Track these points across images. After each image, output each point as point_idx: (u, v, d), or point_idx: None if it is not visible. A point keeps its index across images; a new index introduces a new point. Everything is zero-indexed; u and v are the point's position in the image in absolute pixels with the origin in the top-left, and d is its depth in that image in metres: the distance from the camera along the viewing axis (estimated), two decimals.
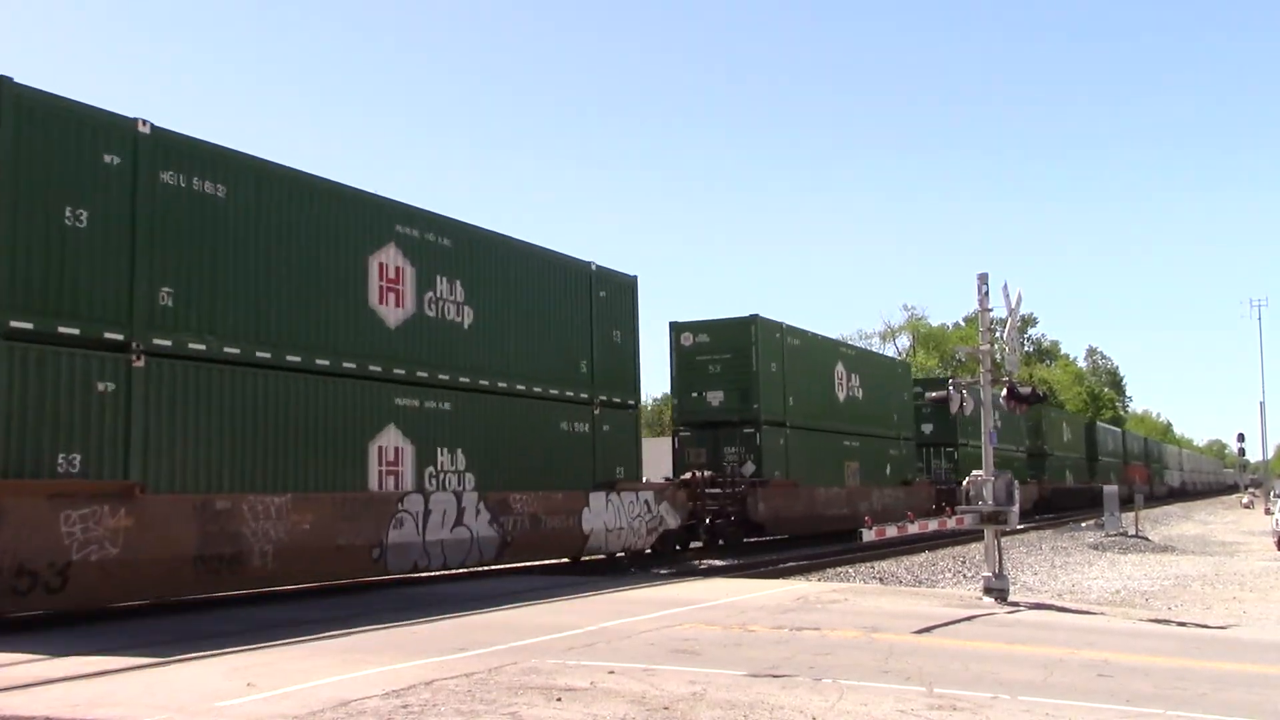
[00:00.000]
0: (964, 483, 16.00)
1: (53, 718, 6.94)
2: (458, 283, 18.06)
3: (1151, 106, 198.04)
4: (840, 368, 32.44)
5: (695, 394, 27.61)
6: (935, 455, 41.42)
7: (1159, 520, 49.18)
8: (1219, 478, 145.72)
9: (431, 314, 17.35)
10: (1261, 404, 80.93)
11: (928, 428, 40.03)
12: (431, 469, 16.95)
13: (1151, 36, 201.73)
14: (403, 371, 16.62)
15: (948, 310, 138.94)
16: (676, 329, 28.02)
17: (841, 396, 32.22)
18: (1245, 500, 71.05)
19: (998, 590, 14.98)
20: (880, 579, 21.22)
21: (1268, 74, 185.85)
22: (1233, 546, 33.52)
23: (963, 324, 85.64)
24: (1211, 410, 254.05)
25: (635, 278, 23.16)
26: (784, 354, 28.58)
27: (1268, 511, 44.63)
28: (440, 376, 17.35)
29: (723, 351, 27.46)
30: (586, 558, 20.44)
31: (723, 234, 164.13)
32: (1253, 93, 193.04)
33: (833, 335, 38.14)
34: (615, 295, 22.40)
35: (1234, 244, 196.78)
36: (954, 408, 16.87)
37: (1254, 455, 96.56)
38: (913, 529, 17.50)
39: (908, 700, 7.57)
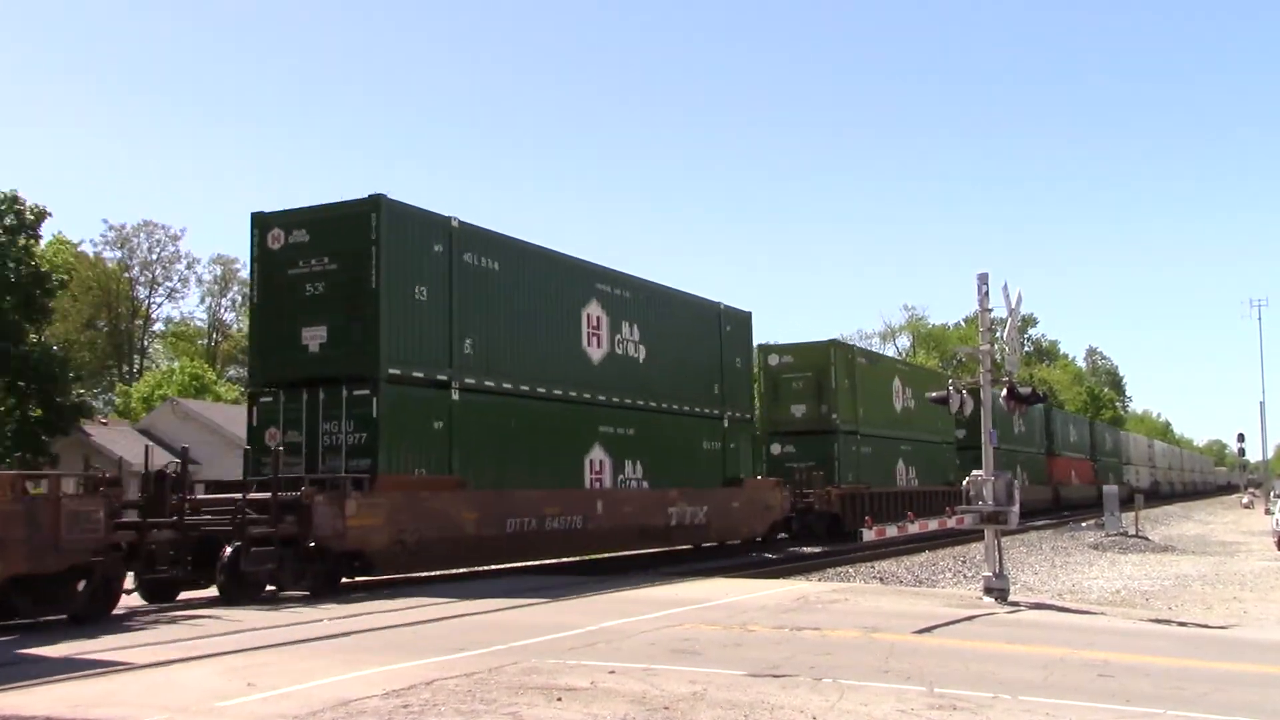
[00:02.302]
0: (964, 482, 16.00)
1: (53, 717, 6.95)
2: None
3: (1151, 106, 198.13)
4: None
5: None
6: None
7: (1159, 520, 49.20)
8: (1207, 477, 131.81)
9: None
10: (1261, 404, 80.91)
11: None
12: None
13: (1151, 37, 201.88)
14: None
15: (948, 310, 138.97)
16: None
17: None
18: (1245, 500, 71.04)
19: (998, 590, 14.97)
20: (880, 579, 21.23)
21: (1268, 74, 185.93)
22: (1233, 546, 33.52)
23: (963, 324, 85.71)
24: (1211, 410, 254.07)
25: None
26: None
27: (1268, 511, 44.62)
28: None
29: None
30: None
31: (722, 234, 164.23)
32: (1253, 93, 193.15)
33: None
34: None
35: (1234, 244, 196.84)
36: (954, 408, 16.87)
37: (1254, 455, 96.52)
38: (913, 529, 17.55)
39: (908, 700, 7.56)
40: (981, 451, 15.49)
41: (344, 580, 15.87)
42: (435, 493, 16.78)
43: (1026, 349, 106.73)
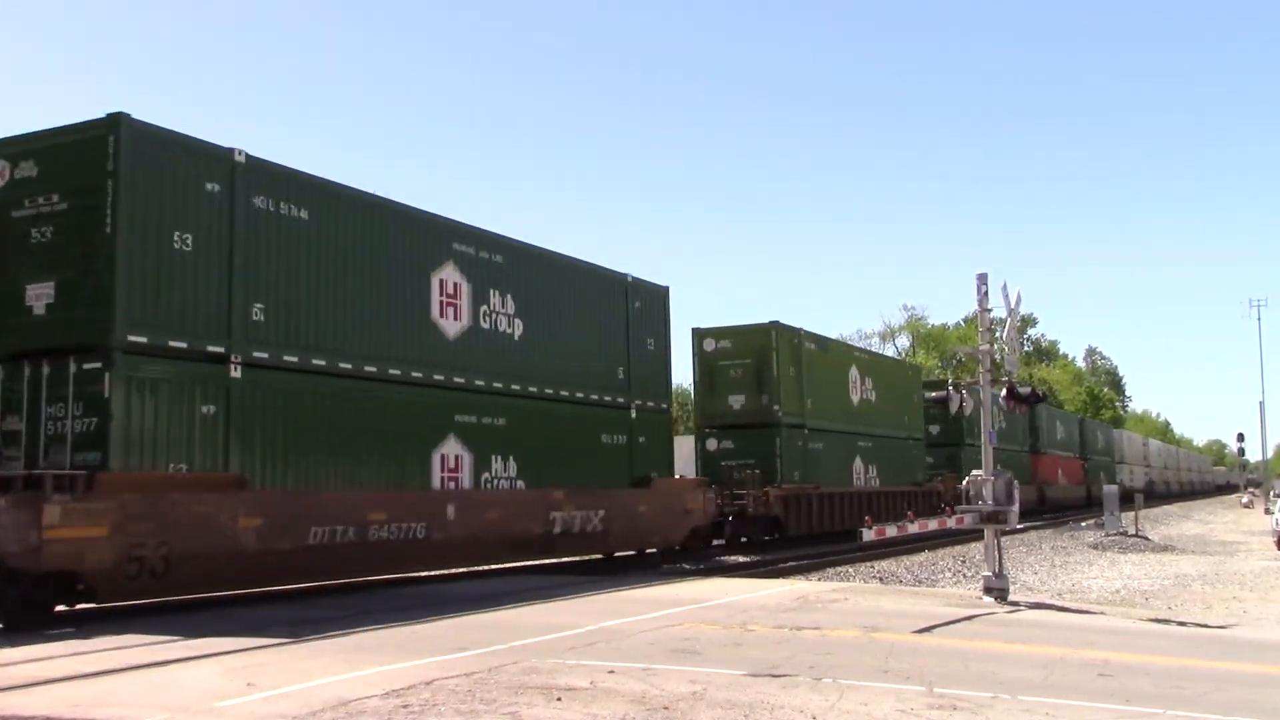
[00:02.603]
0: (964, 482, 16.00)
1: (53, 717, 6.94)
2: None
3: (1151, 106, 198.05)
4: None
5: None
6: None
7: (1159, 520, 49.20)
8: (1205, 476, 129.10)
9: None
10: (1261, 404, 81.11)
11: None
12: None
13: (1151, 37, 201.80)
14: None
15: (948, 310, 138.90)
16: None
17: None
18: (1245, 500, 71.02)
19: (998, 590, 14.98)
20: (880, 579, 21.22)
21: (1268, 74, 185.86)
22: (1233, 546, 33.53)
23: (963, 324, 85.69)
24: (1211, 410, 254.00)
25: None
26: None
27: (1267, 511, 44.61)
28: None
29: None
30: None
31: (721, 233, 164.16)
32: (1253, 93, 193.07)
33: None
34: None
35: (1234, 244, 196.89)
36: (954, 408, 16.88)
37: (1254, 455, 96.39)
38: (913, 529, 17.55)
39: (908, 700, 7.56)
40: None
41: (62, 609, 12.56)
42: (194, 494, 13.01)
43: (1026, 349, 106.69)
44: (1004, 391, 16.58)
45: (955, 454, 40.44)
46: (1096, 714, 7.30)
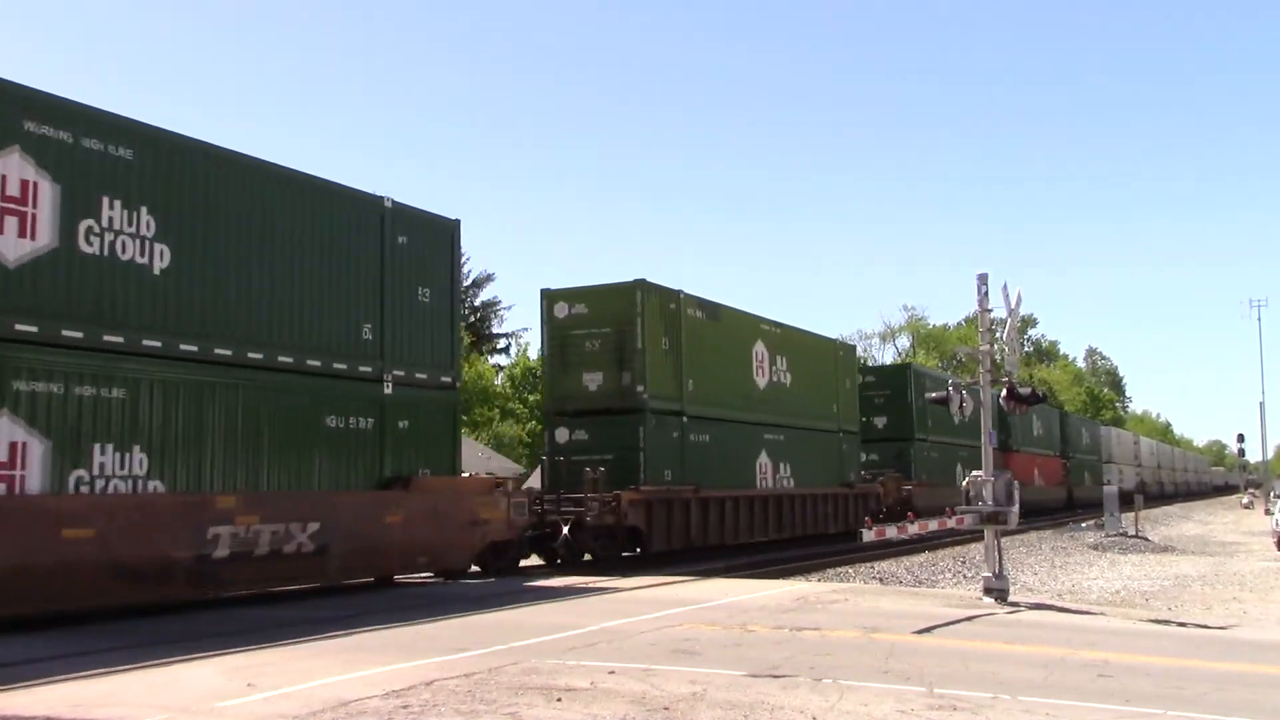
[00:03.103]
0: (964, 483, 16.00)
1: (53, 717, 6.95)
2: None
3: (1151, 106, 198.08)
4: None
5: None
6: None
7: (1159, 520, 49.21)
8: (1202, 477, 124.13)
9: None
10: (1261, 404, 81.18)
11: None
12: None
13: (1151, 37, 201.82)
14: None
15: (948, 310, 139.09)
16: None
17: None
18: (1245, 500, 71.03)
19: (998, 590, 14.98)
20: (880, 579, 21.23)
21: (1268, 74, 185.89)
22: (1233, 547, 33.53)
23: (964, 324, 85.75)
24: (1211, 410, 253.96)
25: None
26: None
27: (1267, 512, 44.60)
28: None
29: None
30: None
31: (722, 234, 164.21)
32: (1253, 93, 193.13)
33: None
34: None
35: (1234, 244, 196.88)
36: (954, 408, 16.88)
37: (1254, 455, 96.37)
38: (913, 529, 17.56)
39: (908, 700, 7.57)
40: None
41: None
42: None
43: (1026, 349, 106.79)
44: (1004, 392, 16.57)
45: (905, 451, 36.16)
46: (1096, 714, 7.31)
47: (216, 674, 8.53)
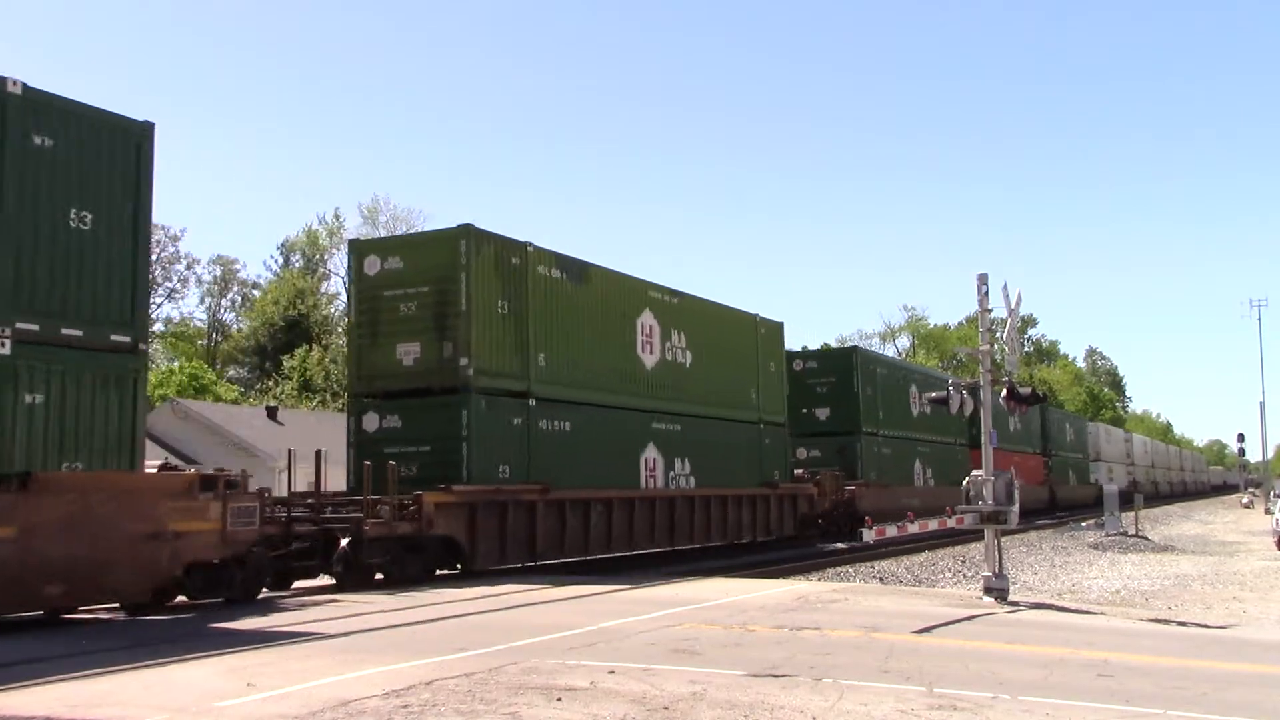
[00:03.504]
0: (964, 482, 16.00)
1: (53, 718, 6.94)
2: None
3: (1151, 106, 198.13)
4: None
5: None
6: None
7: (1159, 520, 49.20)
8: (1200, 477, 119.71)
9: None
10: (1261, 404, 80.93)
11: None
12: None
13: (1151, 36, 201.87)
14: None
15: (948, 310, 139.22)
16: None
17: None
18: (1245, 500, 70.99)
19: (998, 590, 14.98)
20: (880, 579, 21.24)
21: (1269, 74, 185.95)
22: (1233, 546, 33.52)
23: (964, 324, 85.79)
24: (1211, 410, 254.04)
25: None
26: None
27: (1268, 511, 44.60)
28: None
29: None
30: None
31: (722, 233, 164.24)
32: (1254, 93, 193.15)
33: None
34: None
35: (1234, 244, 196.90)
36: (954, 408, 16.89)
37: (1254, 455, 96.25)
38: (913, 529, 17.57)
39: (908, 700, 7.56)
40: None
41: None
42: None
43: (1026, 349, 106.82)
44: (1004, 392, 16.57)
45: (850, 446, 31.46)
46: (1096, 714, 7.30)
47: (216, 674, 8.52)
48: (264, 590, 14.40)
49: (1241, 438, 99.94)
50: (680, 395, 23.57)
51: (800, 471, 29.47)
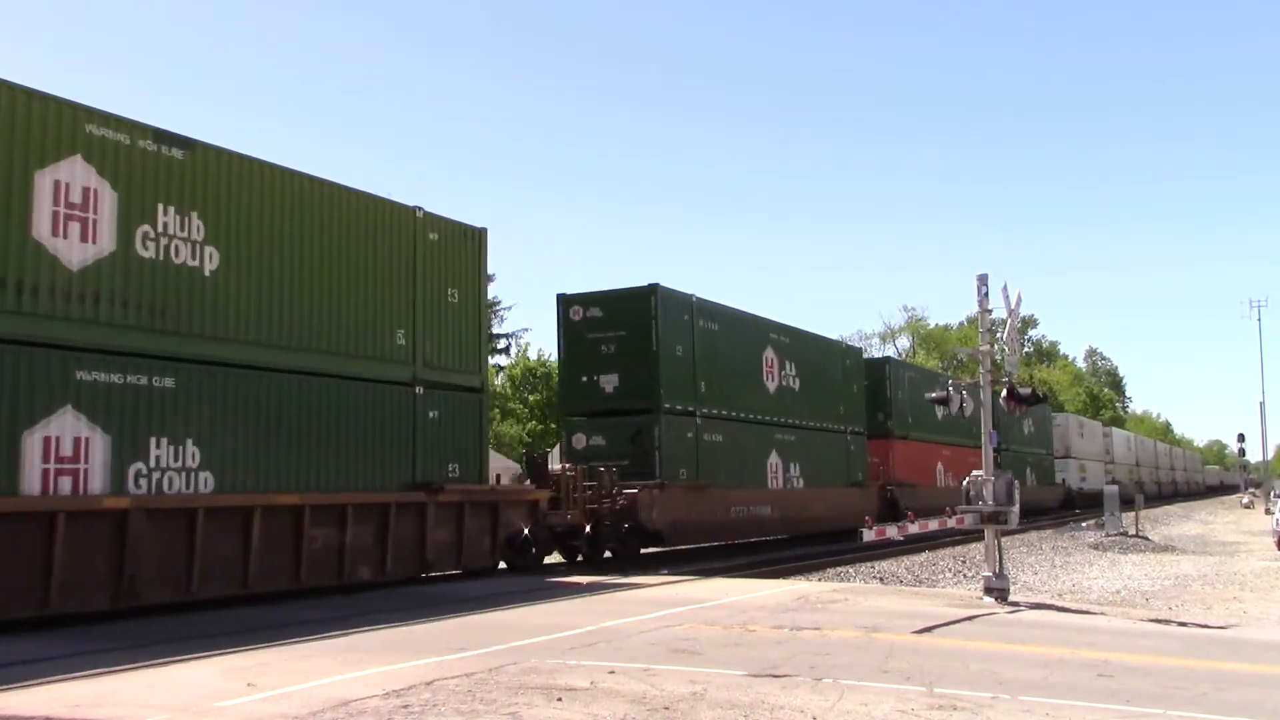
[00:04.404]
0: (964, 482, 16.00)
1: (53, 718, 6.95)
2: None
3: (1151, 107, 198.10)
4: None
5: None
6: None
7: (1159, 520, 49.21)
8: (1194, 477, 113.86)
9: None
10: (1261, 404, 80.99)
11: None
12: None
13: (1151, 36, 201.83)
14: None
15: (948, 311, 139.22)
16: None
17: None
18: (1245, 500, 70.99)
19: (998, 590, 14.98)
20: (880, 579, 21.23)
21: (1269, 73, 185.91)
22: (1233, 546, 33.52)
23: (965, 324, 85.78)
24: (1211, 410, 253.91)
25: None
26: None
27: (1268, 511, 44.60)
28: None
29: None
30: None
31: (722, 233, 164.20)
32: (1253, 93, 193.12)
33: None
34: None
35: (1234, 244, 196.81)
36: (953, 408, 16.88)
37: (1254, 455, 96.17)
38: (913, 529, 17.53)
39: (908, 700, 7.57)
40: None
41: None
42: None
43: (1026, 350, 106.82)
44: (1004, 392, 16.57)
45: (647, 430, 22.56)
46: (1097, 714, 7.30)
47: (216, 674, 8.53)
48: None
49: (1241, 438, 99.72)
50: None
51: (565, 466, 21.62)
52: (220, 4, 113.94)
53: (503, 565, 18.75)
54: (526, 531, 18.86)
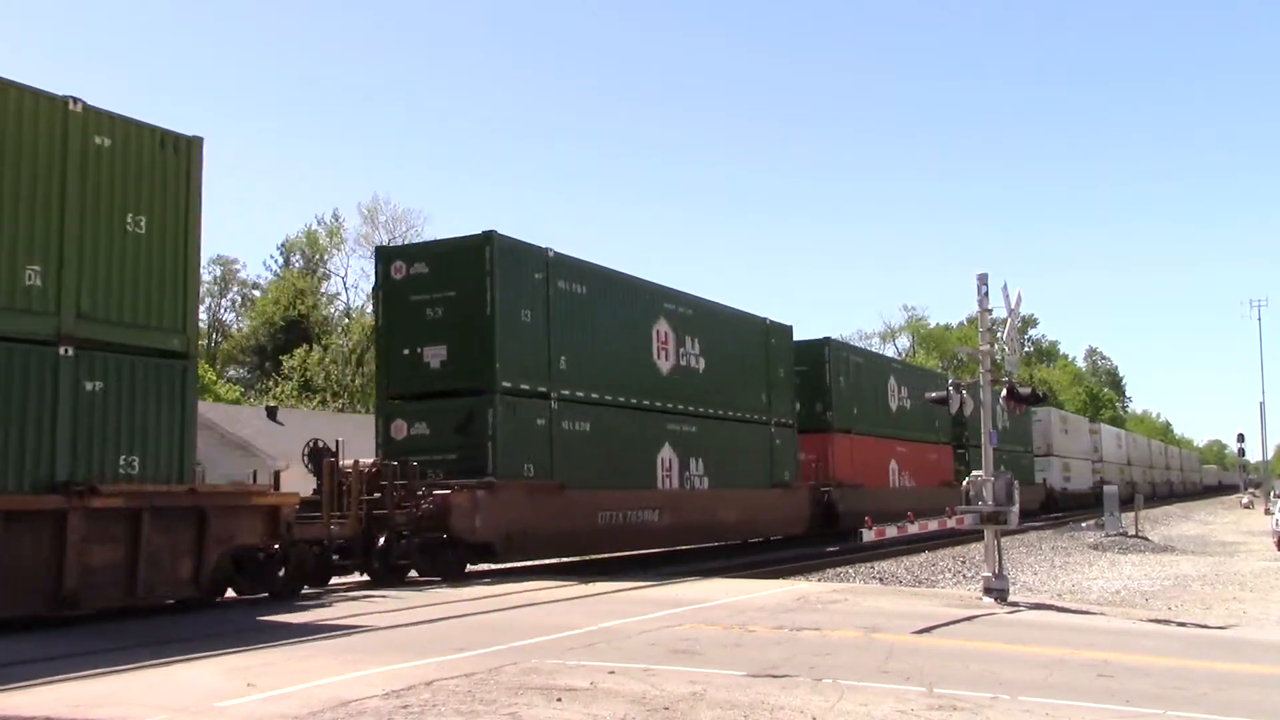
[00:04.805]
0: (964, 482, 16.01)
1: (53, 718, 6.95)
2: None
3: (1151, 107, 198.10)
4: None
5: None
6: None
7: (1159, 520, 49.20)
8: (1190, 476, 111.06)
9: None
10: (1261, 404, 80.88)
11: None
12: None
13: (1151, 36, 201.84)
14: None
15: (948, 310, 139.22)
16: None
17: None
18: (1245, 500, 70.98)
19: (998, 590, 14.98)
20: (880, 579, 21.24)
21: (1269, 73, 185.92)
22: (1233, 546, 33.53)
23: (965, 324, 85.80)
24: (1211, 410, 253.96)
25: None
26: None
27: (1268, 511, 44.59)
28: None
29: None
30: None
31: (722, 233, 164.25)
32: (1253, 93, 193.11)
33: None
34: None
35: (1234, 244, 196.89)
36: (953, 408, 16.89)
37: (1254, 455, 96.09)
38: (913, 529, 17.56)
39: (908, 700, 7.57)
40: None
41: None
42: None
43: (1026, 349, 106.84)
44: (1004, 392, 16.57)
45: (479, 414, 18.37)
46: (1096, 714, 7.30)
47: (216, 674, 8.53)
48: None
49: (1241, 438, 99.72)
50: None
51: (356, 462, 17.12)
52: (221, 3, 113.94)
53: (233, 593, 14.23)
54: (276, 547, 14.23)
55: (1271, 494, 49.84)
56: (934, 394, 18.32)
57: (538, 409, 19.33)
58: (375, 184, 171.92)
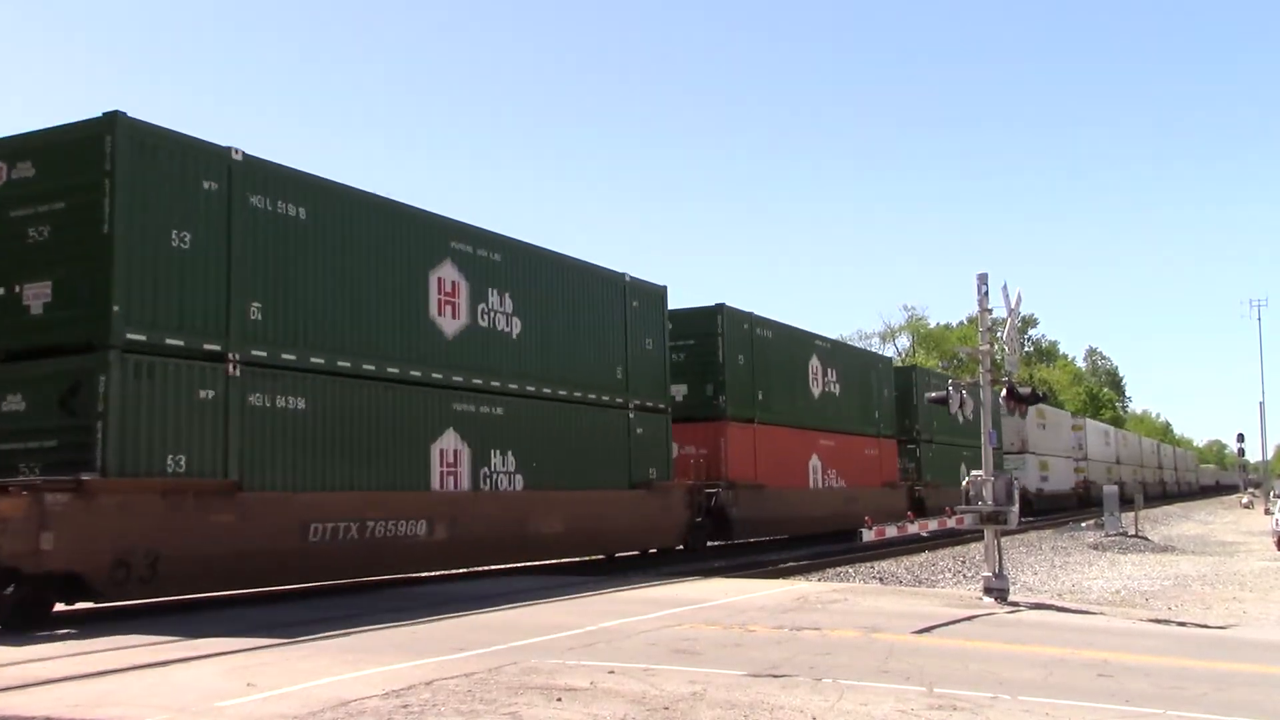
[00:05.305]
0: (964, 482, 16.01)
1: (53, 718, 6.94)
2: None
3: (1151, 107, 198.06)
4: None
5: None
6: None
7: (1159, 520, 49.19)
8: (1186, 476, 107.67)
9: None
10: (1261, 404, 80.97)
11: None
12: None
13: (1151, 37, 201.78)
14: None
15: (948, 310, 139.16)
16: None
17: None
18: (1245, 500, 70.98)
19: (998, 590, 14.98)
20: (880, 579, 21.22)
21: (1267, 74, 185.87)
22: (1233, 546, 33.52)
23: (965, 323, 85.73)
24: (1211, 410, 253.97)
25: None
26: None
27: (1267, 511, 44.59)
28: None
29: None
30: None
31: (722, 232, 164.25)
32: (1253, 93, 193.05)
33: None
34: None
35: (1234, 244, 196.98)
36: (953, 408, 16.88)
37: (1254, 455, 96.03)
38: (913, 529, 17.55)
39: (908, 700, 7.56)
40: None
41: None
42: None
43: (1026, 349, 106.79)
44: (1004, 391, 16.56)
45: (92, 375, 12.46)
46: (1096, 714, 7.30)
47: (216, 674, 8.52)
48: None
49: (1241, 438, 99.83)
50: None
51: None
52: (223, 3, 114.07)
53: None
54: None
55: (1271, 494, 49.86)
56: (934, 394, 18.30)
57: (200, 376, 13.35)
58: (373, 184, 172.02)
